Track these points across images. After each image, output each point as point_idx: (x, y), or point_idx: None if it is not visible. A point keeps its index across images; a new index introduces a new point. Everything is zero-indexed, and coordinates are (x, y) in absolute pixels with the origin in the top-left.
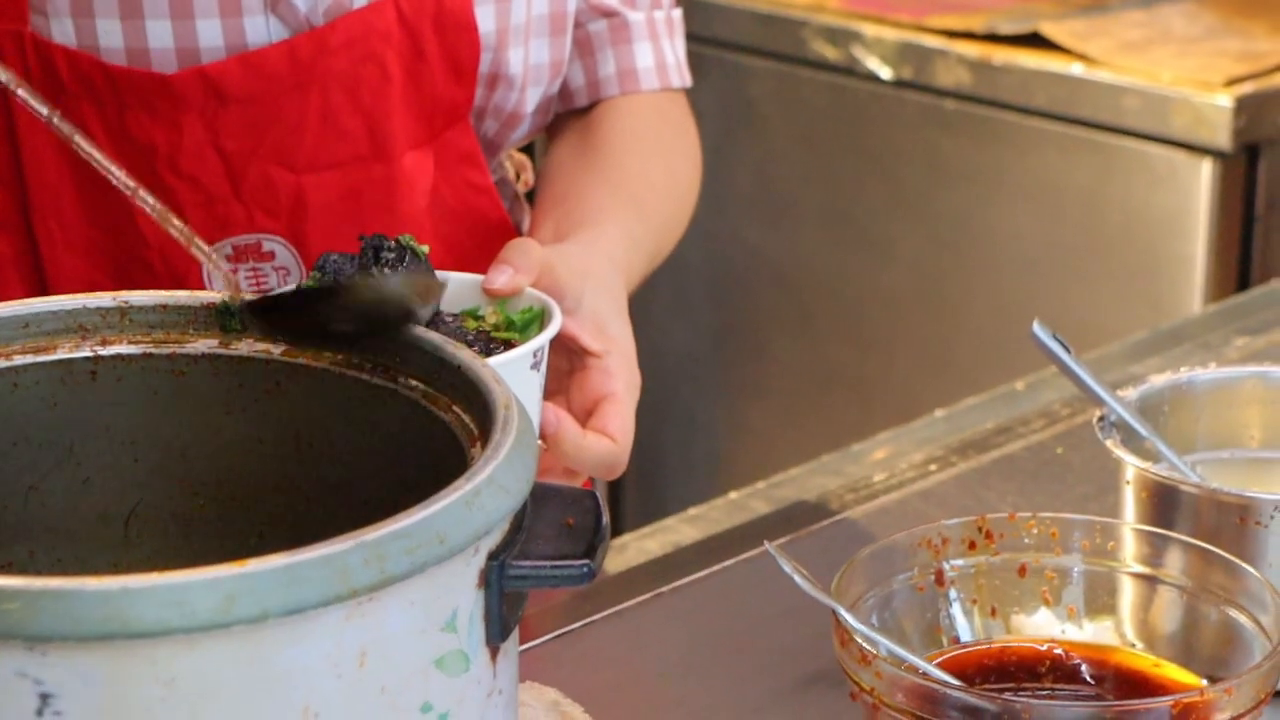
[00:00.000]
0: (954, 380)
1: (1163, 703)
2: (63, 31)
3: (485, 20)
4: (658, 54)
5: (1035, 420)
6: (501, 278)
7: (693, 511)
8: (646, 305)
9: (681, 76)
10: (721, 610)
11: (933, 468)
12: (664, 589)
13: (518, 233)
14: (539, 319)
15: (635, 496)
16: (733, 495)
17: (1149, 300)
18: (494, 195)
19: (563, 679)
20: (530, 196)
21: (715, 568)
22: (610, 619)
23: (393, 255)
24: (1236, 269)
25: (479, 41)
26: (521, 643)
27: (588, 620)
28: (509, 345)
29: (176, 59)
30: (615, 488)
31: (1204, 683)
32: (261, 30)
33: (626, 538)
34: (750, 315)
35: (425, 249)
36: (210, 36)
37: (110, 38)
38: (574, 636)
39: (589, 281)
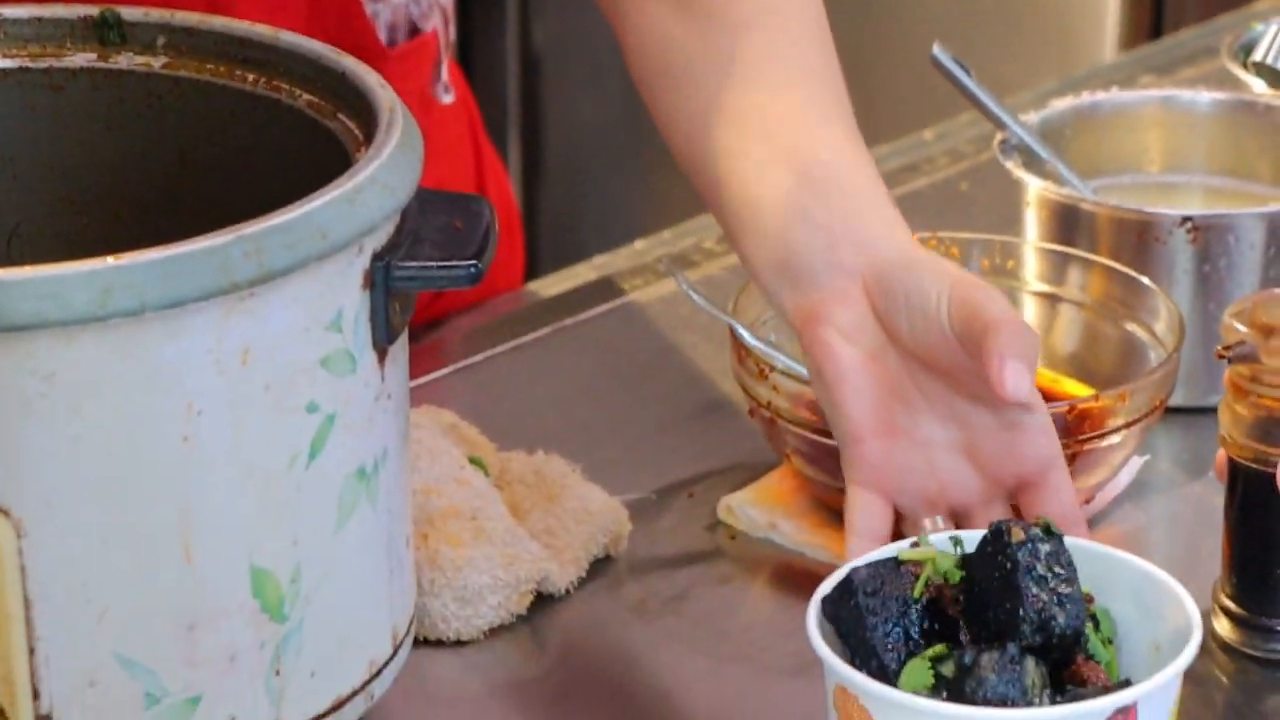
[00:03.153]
0: (865, 136)
1: (1058, 408)
2: None
3: None
4: None
5: (940, 159)
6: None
7: (598, 260)
8: (558, 80)
9: None
10: (623, 342)
11: None
12: (566, 322)
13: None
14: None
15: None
16: (638, 244)
17: (1061, 52)
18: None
19: (461, 408)
20: None
21: (616, 302)
22: (510, 353)
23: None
24: (1149, 19)
25: None
26: (418, 375)
27: (486, 354)
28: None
29: None
30: (529, 270)
31: None
32: None
33: (530, 285)
34: None
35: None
36: None
37: None
38: (472, 369)
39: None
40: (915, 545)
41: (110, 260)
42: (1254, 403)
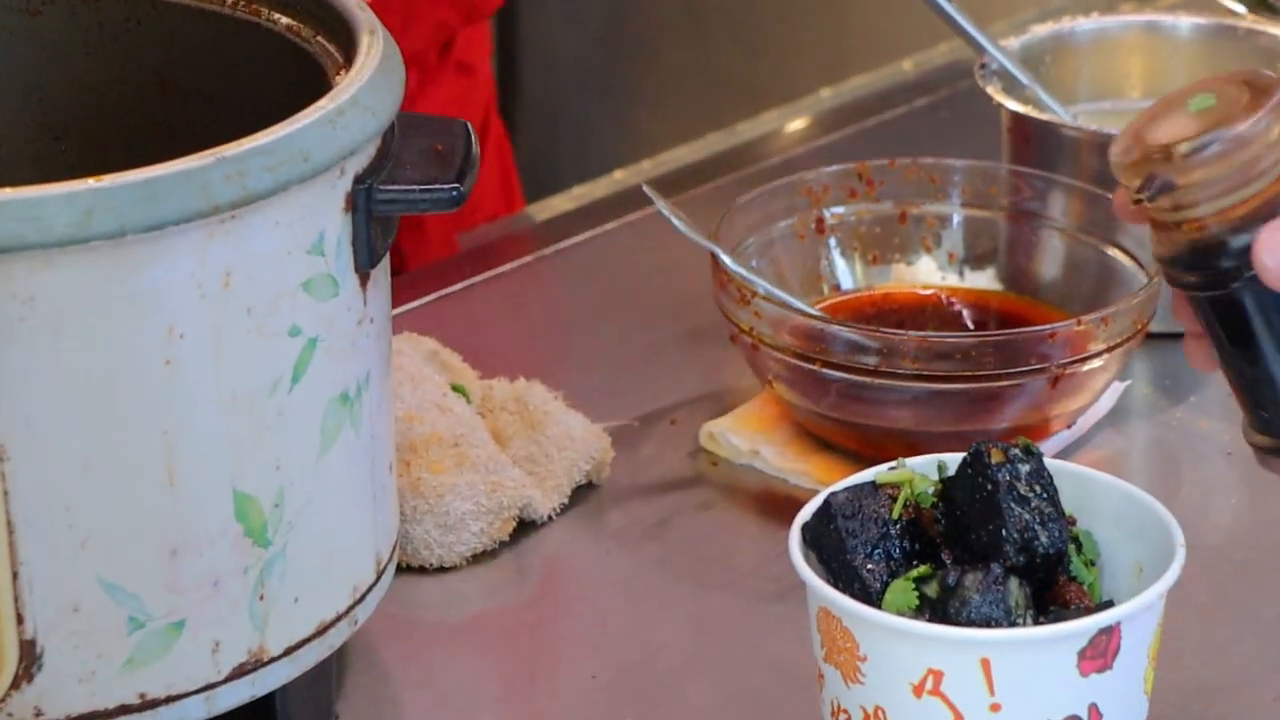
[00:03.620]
0: (843, 67)
1: (1040, 331)
2: None
3: None
4: None
5: (919, 88)
6: None
7: (577, 190)
8: (538, 12)
9: None
10: (603, 271)
11: (814, 131)
12: (545, 251)
13: None
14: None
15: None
16: (617, 174)
17: None
18: None
19: (443, 337)
20: None
21: (595, 231)
22: (490, 282)
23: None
24: None
25: None
26: (399, 303)
27: (466, 283)
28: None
29: None
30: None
31: None
32: None
33: (509, 216)
34: (641, 19)
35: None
36: None
37: None
38: (453, 298)
39: None
40: (893, 469)
41: (91, 182)
42: (1183, 232)
